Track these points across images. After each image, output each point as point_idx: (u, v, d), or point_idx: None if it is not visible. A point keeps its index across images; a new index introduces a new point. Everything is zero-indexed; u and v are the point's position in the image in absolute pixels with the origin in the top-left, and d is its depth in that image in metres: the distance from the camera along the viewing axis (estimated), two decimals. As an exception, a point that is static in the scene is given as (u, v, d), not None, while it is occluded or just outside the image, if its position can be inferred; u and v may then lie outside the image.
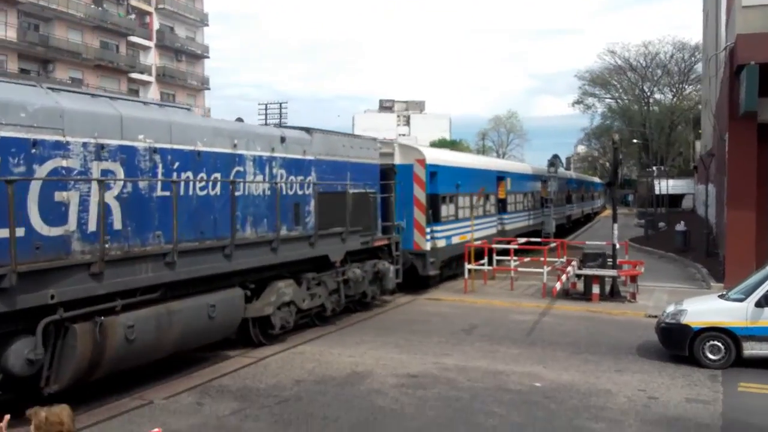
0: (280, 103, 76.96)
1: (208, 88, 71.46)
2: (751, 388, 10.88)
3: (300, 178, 14.34)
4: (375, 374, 11.53)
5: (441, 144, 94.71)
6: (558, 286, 19.13)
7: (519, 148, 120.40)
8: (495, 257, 22.88)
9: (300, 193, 14.33)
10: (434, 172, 21.05)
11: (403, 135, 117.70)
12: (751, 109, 18.54)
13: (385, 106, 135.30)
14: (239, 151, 12.46)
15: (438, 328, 15.43)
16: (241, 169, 12.52)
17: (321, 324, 15.51)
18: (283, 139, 13.84)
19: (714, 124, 31.45)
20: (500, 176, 28.72)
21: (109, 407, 9.78)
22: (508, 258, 22.59)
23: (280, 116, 76.75)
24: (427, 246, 20.21)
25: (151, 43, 64.15)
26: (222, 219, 11.80)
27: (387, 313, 17.40)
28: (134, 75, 61.00)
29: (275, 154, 13.54)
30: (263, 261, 12.87)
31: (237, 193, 12.12)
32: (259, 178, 13.01)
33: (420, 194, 20.28)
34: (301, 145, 14.46)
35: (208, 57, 71.53)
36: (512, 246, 22.56)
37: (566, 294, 19.59)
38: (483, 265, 21.95)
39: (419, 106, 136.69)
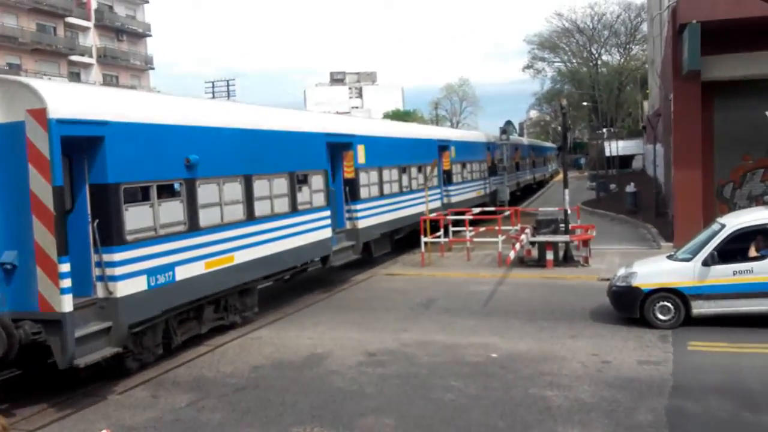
0: (227, 81, 75.70)
1: (153, 68, 69.84)
2: (700, 347, 11.18)
3: None
4: (334, 355, 11.51)
5: (395, 115, 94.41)
6: (512, 254, 19.31)
7: (473, 116, 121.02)
8: (451, 228, 22.96)
9: None
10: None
11: (356, 107, 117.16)
12: (694, 68, 18.80)
13: (337, 79, 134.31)
14: None
15: (396, 303, 15.47)
16: None
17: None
18: None
19: (659, 84, 31.93)
20: (443, 145, 27.11)
21: (60, 404, 9.58)
22: (464, 229, 22.68)
23: (228, 93, 75.63)
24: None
25: (90, 24, 62.20)
26: None
27: (345, 291, 17.37)
28: (74, 57, 59.23)
29: None
30: None
31: None
32: None
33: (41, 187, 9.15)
34: None
35: (150, 35, 69.82)
36: (467, 217, 22.65)
37: (521, 262, 19.81)
38: (438, 237, 22.01)
39: (371, 77, 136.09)
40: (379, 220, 20.04)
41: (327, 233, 16.67)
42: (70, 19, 59.05)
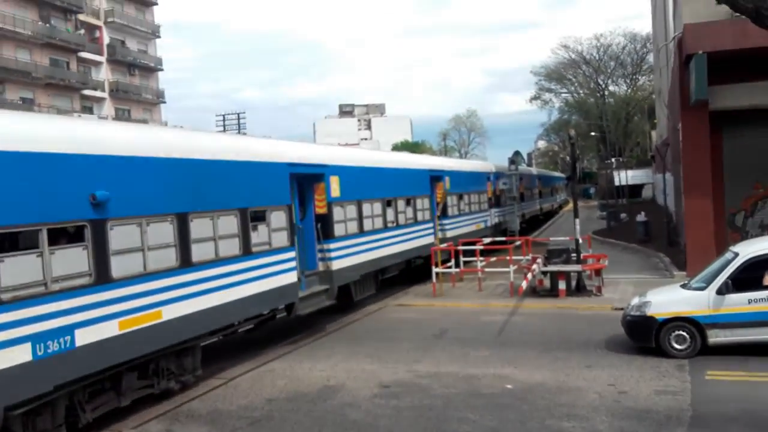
0: (238, 114, 76.43)
1: (164, 102, 70.72)
2: (718, 376, 11.07)
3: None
4: (347, 387, 11.46)
5: (404, 146, 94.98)
6: (524, 284, 19.25)
7: (481, 147, 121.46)
8: (462, 258, 22.94)
9: None
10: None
11: (365, 139, 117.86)
12: (701, 97, 18.91)
13: (345, 111, 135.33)
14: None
15: (408, 334, 15.41)
16: None
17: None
18: None
19: (667, 114, 32.05)
20: (435, 176, 25.27)
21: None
22: (475, 259, 22.64)
23: (239, 127, 76.29)
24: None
25: (103, 58, 63.20)
26: None
27: (357, 323, 17.33)
28: (87, 92, 60.06)
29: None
30: None
31: None
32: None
33: None
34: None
35: (161, 69, 70.82)
36: (478, 247, 22.63)
37: (533, 291, 19.73)
38: (450, 267, 21.98)
39: (379, 109, 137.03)
40: (358, 259, 18.00)
41: (291, 277, 14.51)
42: (83, 54, 60.00)
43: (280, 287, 14.10)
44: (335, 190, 17.05)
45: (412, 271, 22.88)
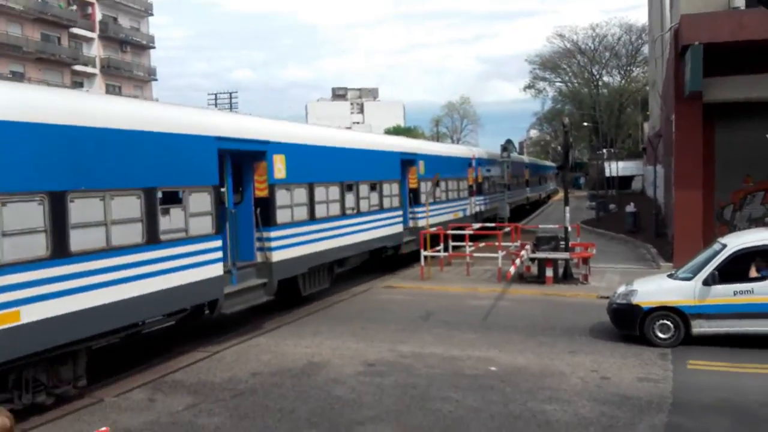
0: (230, 93, 75.93)
1: (156, 79, 70.15)
2: (700, 365, 11.14)
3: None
4: (332, 364, 11.46)
5: (395, 131, 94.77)
6: (512, 270, 19.30)
7: (473, 134, 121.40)
8: (450, 243, 22.95)
9: None
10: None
11: (357, 123, 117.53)
12: (695, 89, 18.92)
13: (338, 94, 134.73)
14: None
15: (395, 316, 15.43)
16: None
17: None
18: None
19: (661, 105, 32.07)
20: (408, 159, 23.20)
21: (59, 406, 9.53)
22: (464, 243, 22.66)
23: (231, 106, 75.83)
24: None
25: (94, 35, 62.56)
26: None
27: (344, 303, 17.33)
28: (78, 67, 59.46)
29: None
30: None
31: None
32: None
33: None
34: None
35: (153, 47, 70.19)
36: (467, 232, 22.65)
37: (521, 278, 19.80)
38: (438, 251, 21.99)
39: (372, 93, 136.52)
40: (306, 250, 15.91)
41: (215, 270, 12.54)
42: (75, 30, 59.36)
43: (199, 281, 12.10)
44: (280, 171, 15.05)
45: (383, 261, 21.62)
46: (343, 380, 10.55)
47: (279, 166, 14.92)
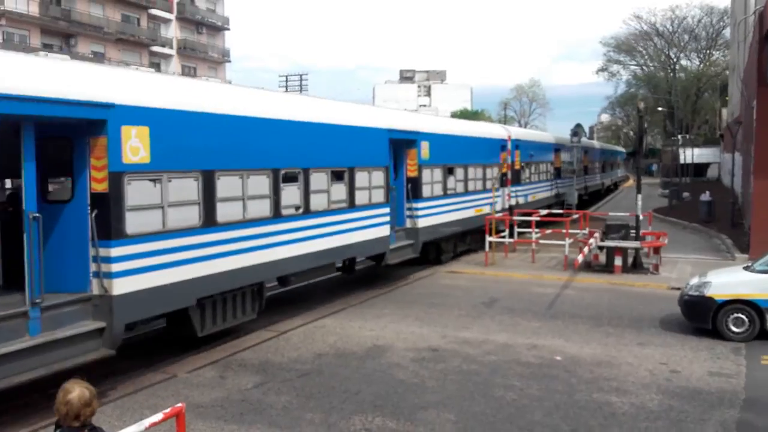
0: (300, 75, 76.76)
1: (229, 61, 71.46)
2: (775, 362, 10.78)
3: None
4: (395, 348, 11.58)
5: (462, 115, 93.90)
6: (580, 258, 18.99)
7: (542, 118, 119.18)
8: (516, 229, 22.72)
9: None
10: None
11: (424, 106, 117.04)
12: (779, 75, 18.13)
13: (406, 77, 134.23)
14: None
15: (458, 301, 15.43)
16: None
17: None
18: None
19: (742, 91, 30.82)
20: (402, 140, 17.77)
21: (134, 380, 9.96)
22: (530, 230, 22.39)
23: (301, 88, 76.70)
24: None
25: (172, 16, 64.13)
26: None
27: (407, 287, 17.43)
28: (155, 48, 61.15)
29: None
30: None
31: None
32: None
33: None
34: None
35: (228, 29, 71.42)
36: (533, 218, 22.37)
37: (588, 266, 19.46)
38: (503, 237, 21.81)
39: (440, 76, 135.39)
40: (179, 274, 10.36)
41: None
42: (153, 11, 61.04)
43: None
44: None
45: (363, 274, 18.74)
46: (406, 365, 10.65)
47: (133, 143, 9.63)
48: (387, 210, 16.72)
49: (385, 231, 16.57)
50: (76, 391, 4.27)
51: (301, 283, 14.80)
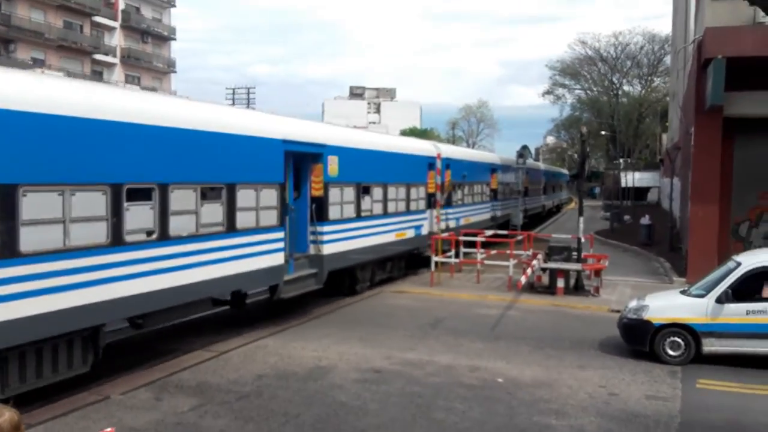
0: (248, 88, 76.22)
1: (175, 71, 70.56)
2: (710, 385, 11.01)
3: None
4: (338, 369, 11.43)
5: (412, 133, 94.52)
6: (523, 279, 19.19)
7: (489, 138, 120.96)
8: (462, 250, 22.84)
9: None
10: None
11: (374, 123, 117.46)
12: (717, 102, 18.73)
13: (356, 93, 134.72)
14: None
15: (403, 321, 15.37)
16: None
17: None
18: None
19: (681, 117, 31.82)
20: (306, 153, 15.85)
21: (64, 402, 9.56)
22: (475, 250, 22.53)
23: (248, 101, 76.08)
24: None
25: (116, 24, 62.96)
26: None
27: (352, 306, 17.29)
28: (98, 56, 59.89)
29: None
30: None
31: None
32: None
33: None
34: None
35: (174, 39, 70.61)
36: (479, 238, 22.53)
37: (531, 287, 19.67)
38: (449, 257, 21.90)
39: (390, 93, 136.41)
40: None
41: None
42: (97, 18, 59.82)
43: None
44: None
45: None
46: (348, 386, 10.52)
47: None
48: (281, 234, 14.40)
49: (278, 259, 14.31)
50: (6, 414, 4.04)
51: (164, 324, 12.83)
